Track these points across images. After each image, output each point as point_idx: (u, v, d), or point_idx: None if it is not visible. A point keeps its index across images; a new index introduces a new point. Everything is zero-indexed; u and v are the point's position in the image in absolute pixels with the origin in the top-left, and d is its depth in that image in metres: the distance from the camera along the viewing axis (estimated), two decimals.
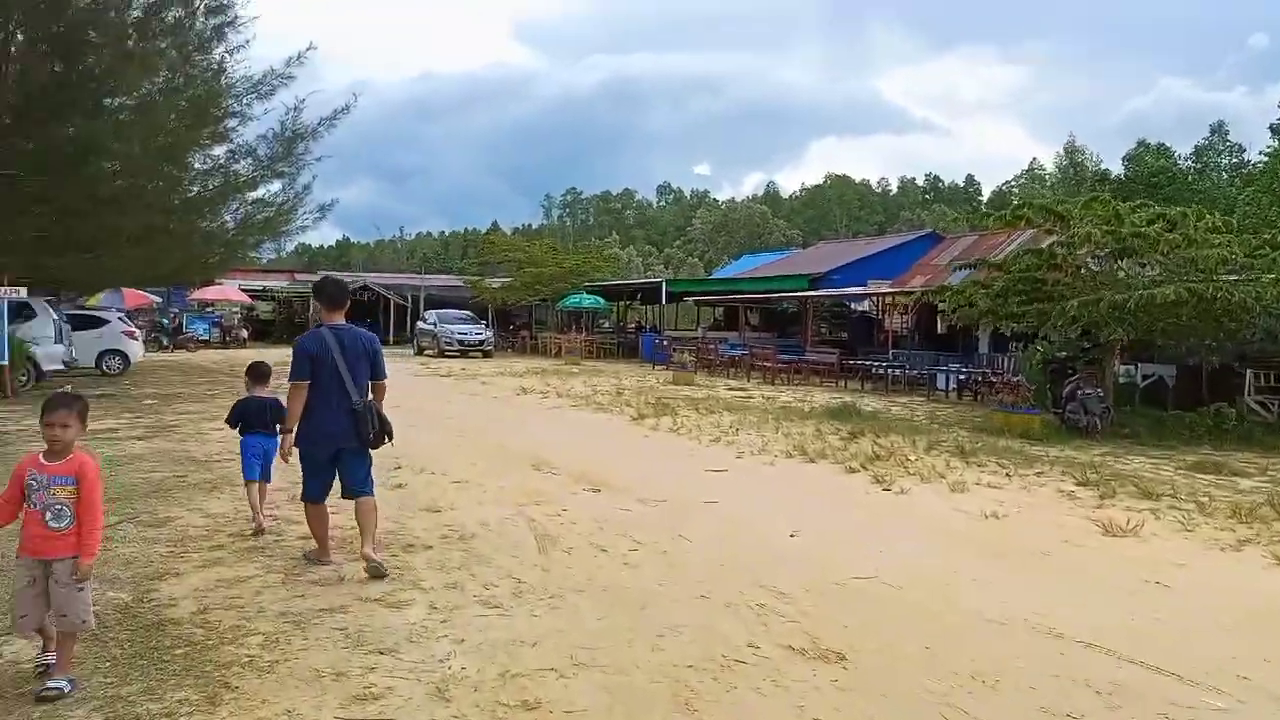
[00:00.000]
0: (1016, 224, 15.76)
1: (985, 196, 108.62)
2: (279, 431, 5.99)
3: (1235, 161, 63.22)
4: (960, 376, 20.31)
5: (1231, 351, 15.21)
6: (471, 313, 39.13)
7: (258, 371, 7.06)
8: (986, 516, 7.86)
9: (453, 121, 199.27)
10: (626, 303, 45.05)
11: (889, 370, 22.25)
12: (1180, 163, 57.64)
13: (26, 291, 16.35)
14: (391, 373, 6.18)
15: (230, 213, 20.79)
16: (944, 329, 25.86)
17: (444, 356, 33.41)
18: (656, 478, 9.44)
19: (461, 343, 34.16)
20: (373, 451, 5.82)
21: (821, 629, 4.88)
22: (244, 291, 41.80)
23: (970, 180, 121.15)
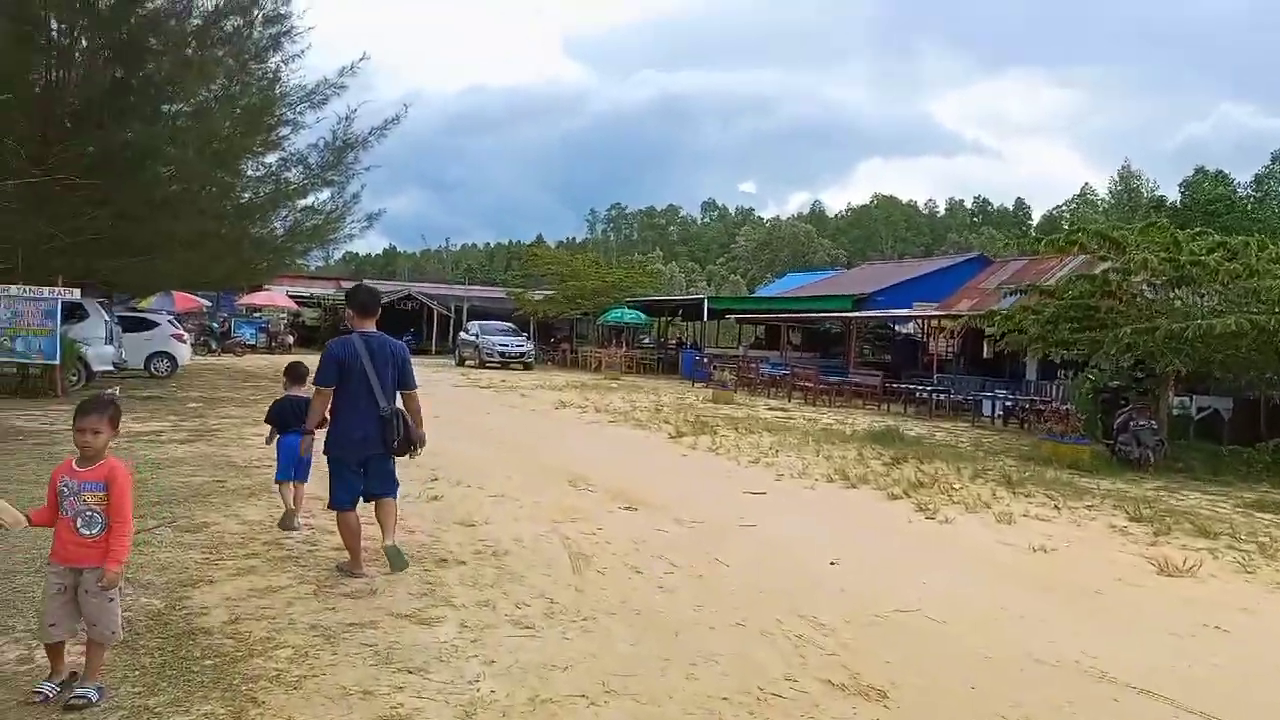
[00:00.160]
0: (1070, 249, 15.35)
1: (1035, 220, 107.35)
2: (302, 431, 6.17)
3: None
4: (1007, 403, 19.90)
5: None
6: (513, 325, 39.30)
7: (295, 372, 7.14)
8: (1034, 550, 7.61)
9: (501, 134, 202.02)
10: (668, 318, 44.94)
11: (933, 395, 21.88)
12: (1239, 190, 56.38)
13: (80, 293, 16.68)
14: (433, 383, 6.28)
15: (280, 220, 21.16)
16: (990, 354, 25.44)
17: (485, 367, 33.58)
18: (694, 498, 9.30)
19: (502, 354, 34.32)
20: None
21: (862, 663, 4.72)
22: (291, 298, 42.39)
23: (1020, 204, 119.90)
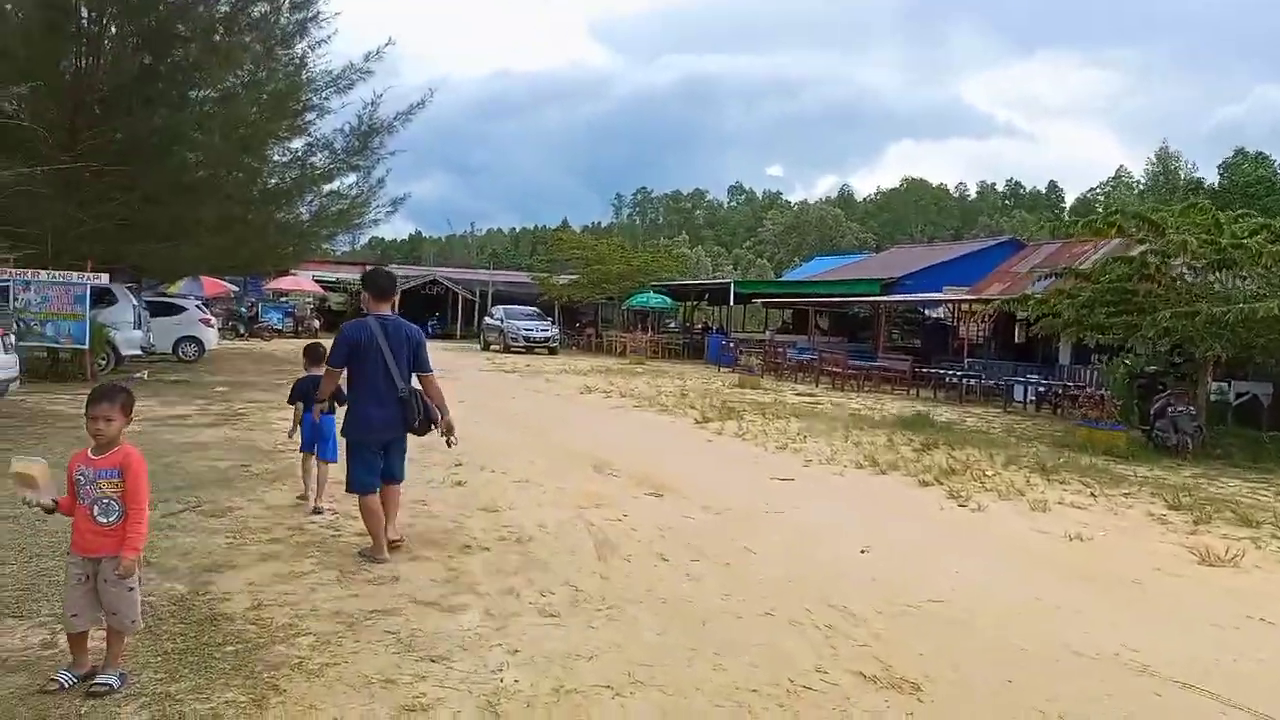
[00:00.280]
0: (1108, 231, 14.97)
1: (1068, 203, 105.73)
2: (322, 408, 6.51)
3: None
4: (1039, 389, 19.58)
5: None
6: (538, 309, 39.25)
7: (314, 353, 7.34)
8: (1070, 539, 7.43)
9: (526, 119, 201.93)
10: (694, 303, 44.72)
11: (963, 380, 21.58)
12: None
13: (109, 278, 16.79)
14: (458, 368, 6.27)
15: (305, 204, 21.23)
16: (1022, 338, 25.09)
17: (510, 352, 33.57)
18: (720, 484, 9.19)
19: (527, 339, 34.29)
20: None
21: (894, 655, 4.59)
22: (317, 282, 42.61)
23: (1052, 187, 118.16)
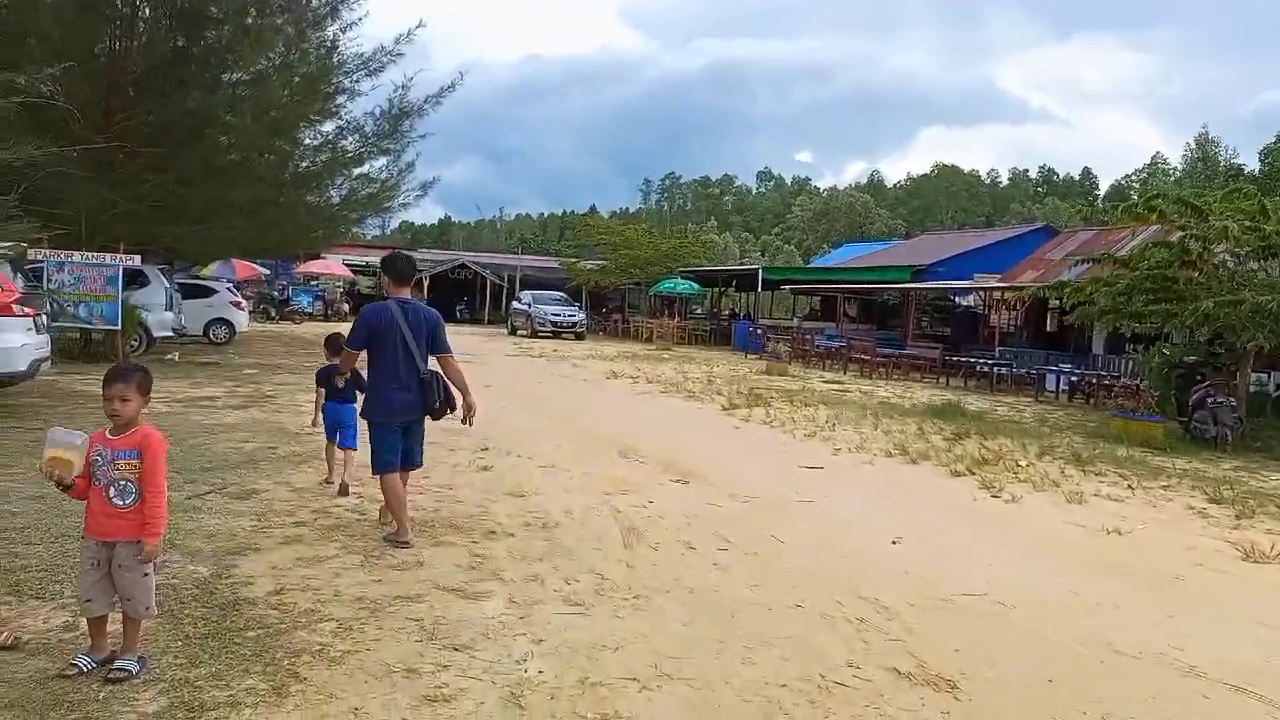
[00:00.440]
0: (1148, 217, 14.58)
1: (1102, 191, 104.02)
2: (341, 380, 6.68)
3: None
4: (1072, 378, 19.23)
5: None
6: (565, 294, 39.20)
7: (335, 344, 7.32)
8: (1108, 532, 7.23)
9: (557, 103, 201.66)
10: (721, 289, 44.45)
11: (994, 368, 21.26)
12: None
13: (141, 259, 16.87)
14: (486, 352, 6.26)
15: (336, 187, 21.26)
16: (1054, 327, 24.67)
17: (537, 337, 33.58)
18: (748, 472, 9.07)
19: (554, 324, 34.29)
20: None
21: (928, 651, 4.46)
22: (347, 266, 42.83)
23: (1086, 174, 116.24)
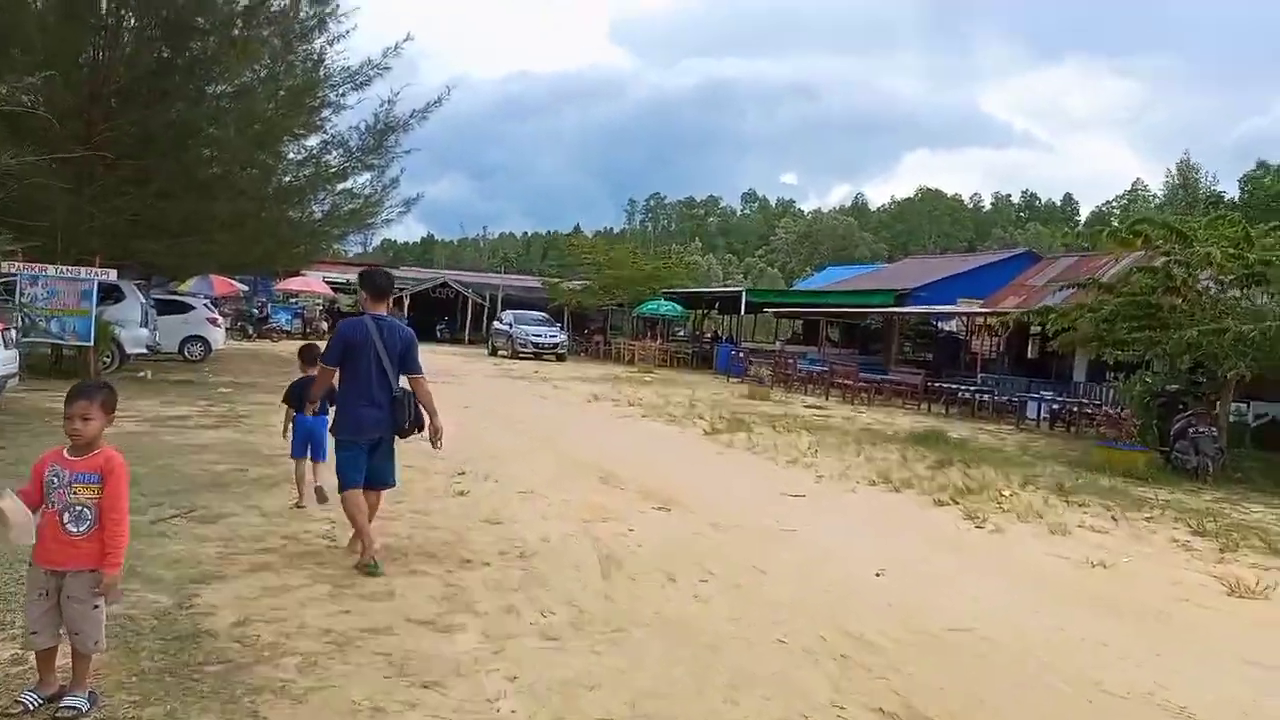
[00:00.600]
0: (1133, 242, 14.57)
1: (1083, 216, 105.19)
2: (314, 409, 6.54)
3: None
4: (1053, 406, 19.23)
5: None
6: (547, 315, 39.01)
7: (309, 355, 7.31)
8: (1093, 565, 7.15)
9: (543, 120, 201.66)
10: (704, 311, 44.43)
11: (976, 395, 21.25)
12: None
13: (117, 274, 16.60)
14: (465, 373, 6.16)
15: (318, 202, 21.03)
16: (1035, 353, 24.75)
17: (518, 358, 33.27)
18: (730, 499, 8.94)
19: (535, 345, 34.03)
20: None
21: (914, 689, 4.33)
22: (327, 284, 42.51)
23: (1068, 199, 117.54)
